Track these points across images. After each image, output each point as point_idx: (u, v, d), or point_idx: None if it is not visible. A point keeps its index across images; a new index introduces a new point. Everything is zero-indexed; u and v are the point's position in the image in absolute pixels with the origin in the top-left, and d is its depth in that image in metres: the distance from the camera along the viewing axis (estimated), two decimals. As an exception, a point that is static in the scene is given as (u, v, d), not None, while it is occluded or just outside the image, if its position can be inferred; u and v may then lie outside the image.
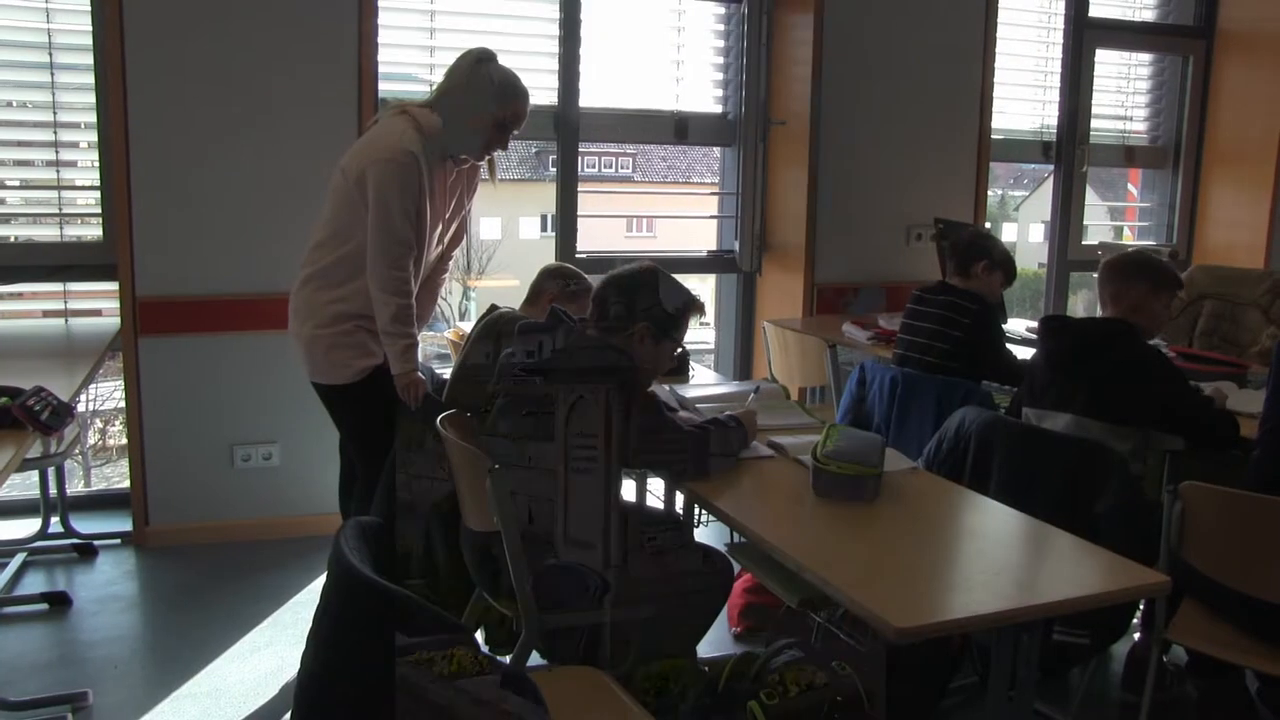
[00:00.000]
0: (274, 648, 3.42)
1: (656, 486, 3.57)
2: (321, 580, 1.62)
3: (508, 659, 2.60)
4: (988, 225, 5.67)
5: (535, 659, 2.58)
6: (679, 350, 2.76)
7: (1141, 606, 2.96)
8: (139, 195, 4.05)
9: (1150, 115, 6.23)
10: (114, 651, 3.37)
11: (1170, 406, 2.97)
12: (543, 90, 4.72)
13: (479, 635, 3.00)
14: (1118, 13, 6.01)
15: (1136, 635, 3.17)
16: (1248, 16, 5.91)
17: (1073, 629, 2.59)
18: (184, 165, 4.09)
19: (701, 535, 3.16)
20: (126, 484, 4.34)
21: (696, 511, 3.15)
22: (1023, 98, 5.79)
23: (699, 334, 6.63)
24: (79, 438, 3.87)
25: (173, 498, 4.24)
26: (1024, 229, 13.52)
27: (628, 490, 3.30)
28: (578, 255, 4.91)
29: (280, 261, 3.92)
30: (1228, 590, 2.53)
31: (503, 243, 13.35)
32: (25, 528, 4.26)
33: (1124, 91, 6.17)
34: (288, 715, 2.90)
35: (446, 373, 3.35)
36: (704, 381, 3.74)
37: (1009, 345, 3.88)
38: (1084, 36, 5.79)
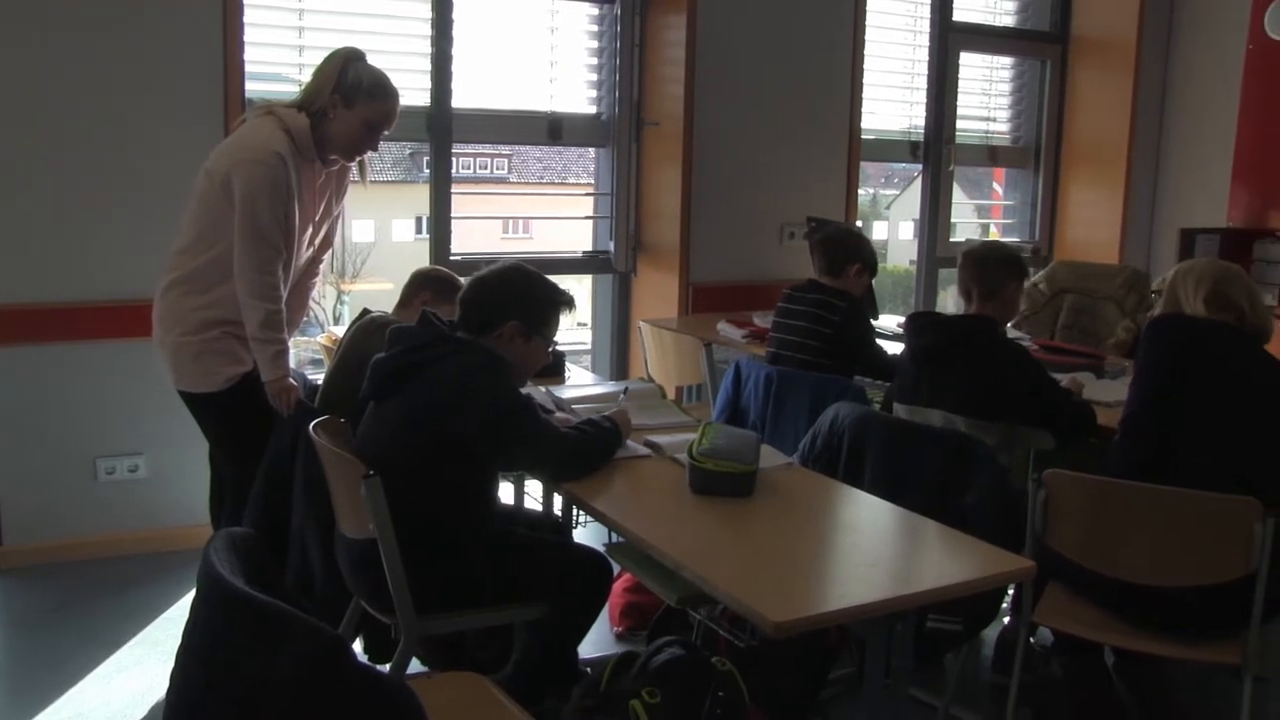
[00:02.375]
0: (142, 667, 3.29)
1: (534, 488, 3.55)
2: (192, 595, 1.57)
3: (387, 668, 2.56)
4: (859, 223, 5.79)
5: (415, 666, 2.54)
6: (551, 348, 2.75)
7: (1010, 592, 3.07)
8: (-13, 197, 3.86)
9: (1012, 116, 6.45)
10: (-37, 681, 3.20)
11: (1030, 401, 3.07)
12: (415, 90, 4.65)
13: (357, 645, 2.95)
14: (980, 18, 6.21)
15: (1006, 619, 3.27)
16: (1098, 24, 6.17)
17: (945, 616, 2.66)
18: (37, 165, 3.90)
19: (580, 536, 3.16)
20: (-23, 503, 4.13)
21: (575, 512, 3.15)
22: (891, 99, 5.93)
23: (575, 334, 6.63)
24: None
25: (29, 516, 4.04)
26: (894, 227, 13.86)
27: (505, 492, 3.29)
28: (452, 258, 4.85)
29: (142, 266, 3.78)
30: (1088, 572, 2.63)
31: (376, 245, 13.13)
32: None
33: (987, 94, 6.37)
34: (157, 736, 2.81)
35: (320, 378, 3.28)
36: (580, 382, 3.74)
37: (880, 341, 3.98)
38: (949, 40, 5.96)
